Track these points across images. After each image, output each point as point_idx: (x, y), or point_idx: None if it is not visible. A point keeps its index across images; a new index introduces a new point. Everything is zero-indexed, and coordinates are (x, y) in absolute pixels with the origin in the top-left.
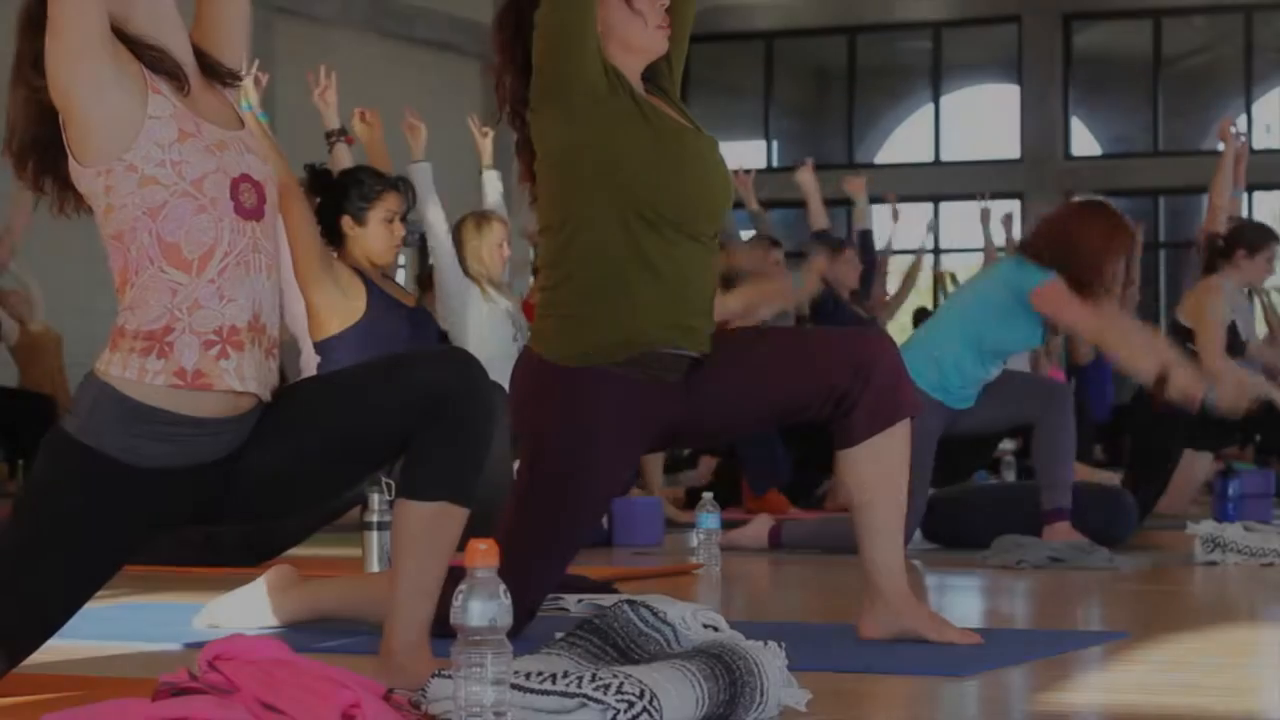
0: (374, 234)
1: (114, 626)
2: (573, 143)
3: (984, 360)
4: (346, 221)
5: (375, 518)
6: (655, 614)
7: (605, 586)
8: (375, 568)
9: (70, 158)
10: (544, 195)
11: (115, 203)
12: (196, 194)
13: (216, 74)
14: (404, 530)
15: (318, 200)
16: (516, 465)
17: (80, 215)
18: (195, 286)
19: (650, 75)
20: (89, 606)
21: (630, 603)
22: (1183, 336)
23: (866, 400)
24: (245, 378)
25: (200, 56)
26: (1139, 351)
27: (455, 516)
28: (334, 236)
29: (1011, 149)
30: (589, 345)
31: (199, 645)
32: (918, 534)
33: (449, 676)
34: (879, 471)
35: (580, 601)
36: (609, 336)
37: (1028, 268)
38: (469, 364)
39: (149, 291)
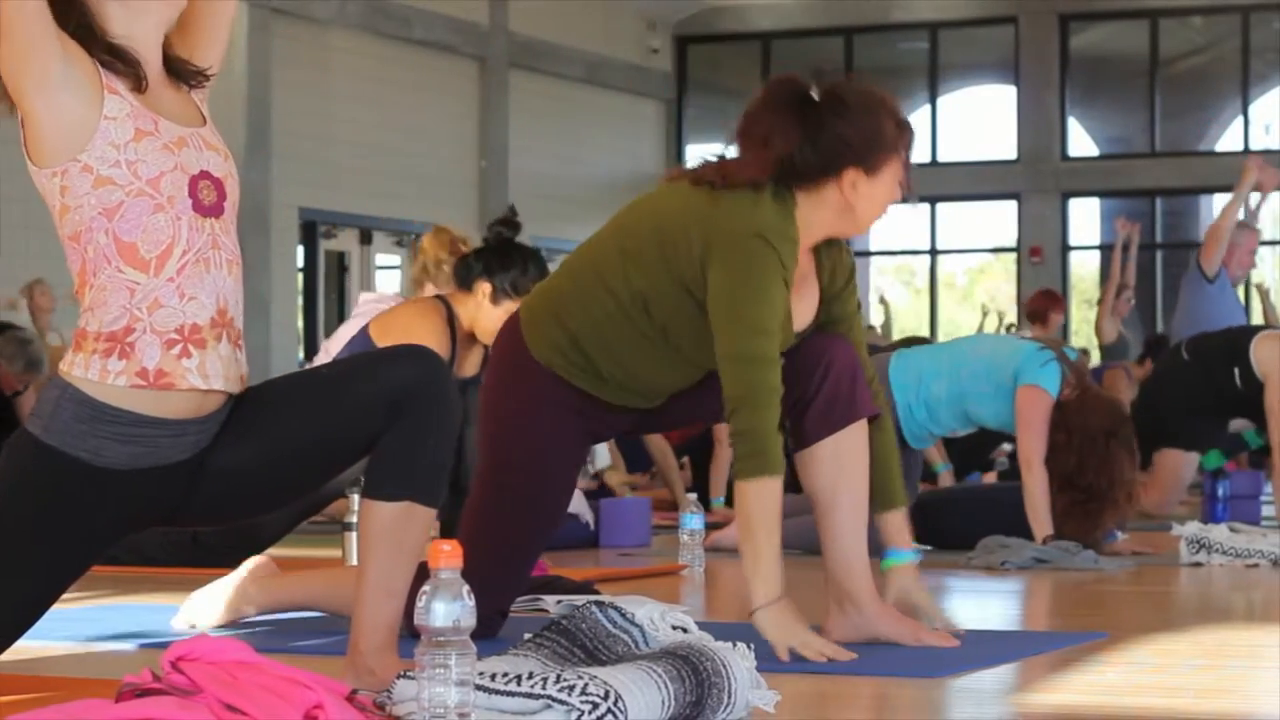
0: (494, 317)
1: (85, 627)
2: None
3: (960, 424)
4: (483, 288)
5: (355, 518)
6: (623, 615)
7: (586, 588)
8: None
9: (27, 159)
10: (630, 220)
11: (71, 203)
12: (153, 193)
13: (181, 74)
14: (369, 531)
15: (478, 244)
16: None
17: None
18: (154, 285)
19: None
20: (63, 608)
21: (599, 604)
22: (1248, 383)
23: (820, 400)
24: (209, 375)
25: (167, 55)
26: (1042, 510)
27: (421, 516)
28: (464, 282)
29: (1008, 150)
30: (569, 365)
31: (166, 646)
32: None
33: (414, 677)
34: (837, 472)
35: (560, 603)
36: (588, 375)
37: (1041, 368)
38: (436, 363)
39: (107, 292)
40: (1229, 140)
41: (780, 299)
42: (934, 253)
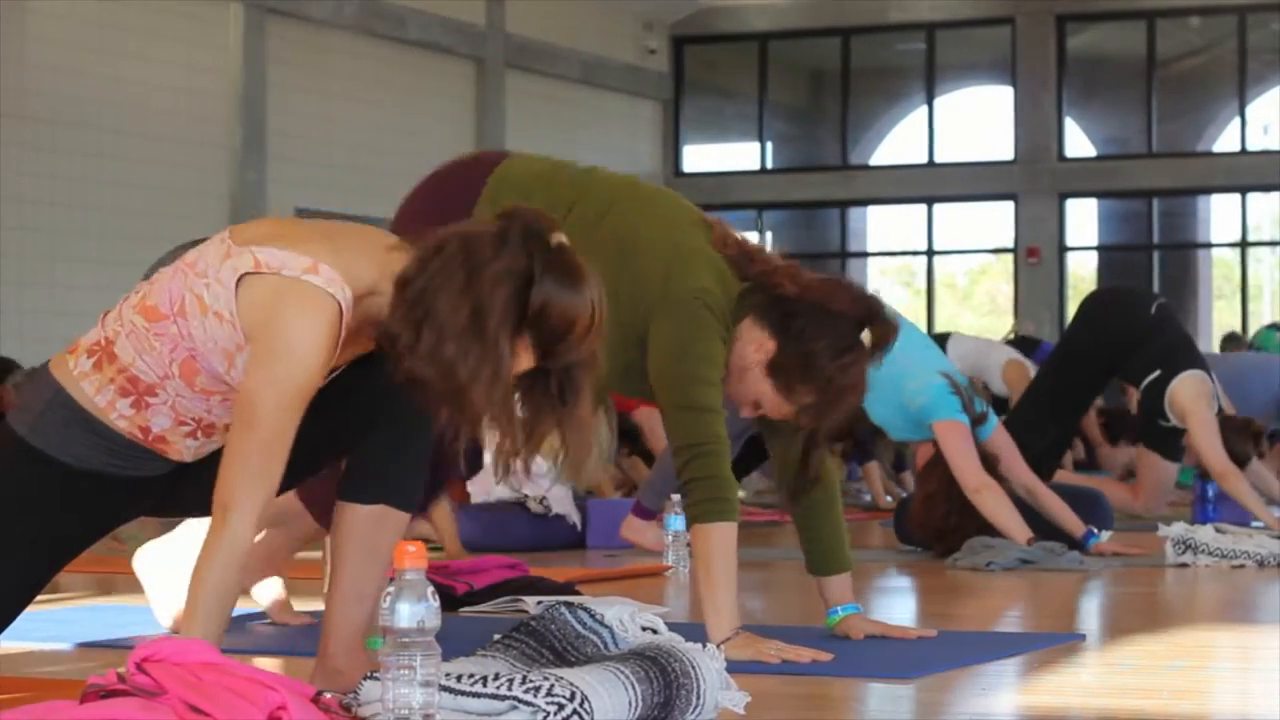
0: None
1: (62, 629)
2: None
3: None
4: None
5: None
6: (593, 616)
7: (568, 589)
8: None
9: (237, 301)
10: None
11: (200, 339)
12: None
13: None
14: (343, 533)
15: None
16: None
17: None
18: (187, 392)
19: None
20: (40, 609)
21: (568, 605)
22: (1150, 396)
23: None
24: (202, 455)
25: None
26: (1011, 524)
27: (395, 520)
28: None
29: (1005, 150)
30: None
31: (132, 647)
32: (893, 535)
33: (380, 678)
34: None
35: (540, 604)
36: None
37: (948, 403)
38: None
39: (153, 352)
40: (1226, 141)
41: (720, 355)
42: (930, 253)
